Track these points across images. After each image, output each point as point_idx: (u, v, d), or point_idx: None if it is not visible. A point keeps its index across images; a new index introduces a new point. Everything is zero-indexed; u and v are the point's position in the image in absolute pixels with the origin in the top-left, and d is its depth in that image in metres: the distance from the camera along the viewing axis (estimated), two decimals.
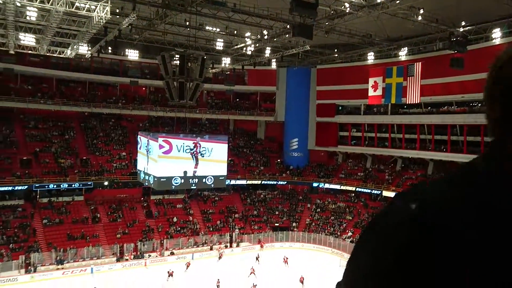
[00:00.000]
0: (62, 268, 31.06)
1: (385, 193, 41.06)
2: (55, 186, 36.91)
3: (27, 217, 34.83)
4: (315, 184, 46.66)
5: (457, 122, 37.02)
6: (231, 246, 38.70)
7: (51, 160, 39.15)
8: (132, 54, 43.59)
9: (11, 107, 39.85)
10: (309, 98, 48.67)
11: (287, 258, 34.72)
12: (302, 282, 28.94)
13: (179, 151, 27.25)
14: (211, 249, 37.31)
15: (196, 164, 27.85)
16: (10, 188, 35.05)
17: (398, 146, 42.68)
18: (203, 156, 28.01)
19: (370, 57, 41.47)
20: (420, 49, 36.35)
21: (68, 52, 31.88)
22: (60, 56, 32.84)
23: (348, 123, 47.32)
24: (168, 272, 30.18)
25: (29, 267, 30.21)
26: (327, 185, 46.04)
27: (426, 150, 40.01)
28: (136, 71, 47.30)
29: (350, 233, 39.90)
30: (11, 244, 31.68)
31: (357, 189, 43.66)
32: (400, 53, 38.29)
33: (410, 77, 34.56)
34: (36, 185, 36.02)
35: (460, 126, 37.12)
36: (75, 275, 30.74)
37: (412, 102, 35.44)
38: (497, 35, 31.10)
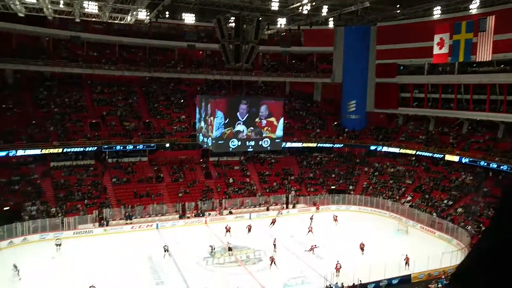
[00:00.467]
0: (131, 223, 33.64)
1: (448, 157, 39.12)
2: (121, 147, 39.36)
3: (98, 175, 37.73)
4: (372, 147, 45.54)
5: None
6: (287, 208, 39.45)
7: (117, 123, 41.56)
8: (189, 18, 44.00)
9: (80, 73, 42.47)
10: (368, 58, 46.60)
11: (336, 217, 35.37)
12: (362, 249, 28.70)
13: (235, 114, 27.63)
14: (267, 209, 38.31)
15: (253, 125, 28.11)
16: (82, 149, 37.95)
17: (465, 107, 40.06)
18: (260, 119, 28.22)
19: (436, 12, 38.54)
20: (494, 1, 33.08)
21: (128, 18, 32.88)
22: (121, 22, 33.97)
23: (410, 83, 44.97)
24: (225, 227, 31.66)
25: (102, 221, 33.06)
26: (385, 148, 44.73)
27: (497, 112, 37.22)
28: (193, 35, 47.89)
29: (409, 198, 38.93)
30: (85, 200, 34.71)
31: (418, 152, 42.00)
32: (471, 6, 35.15)
33: (482, 33, 31.92)
34: (105, 146, 38.62)
35: None
36: (142, 230, 33.20)
37: (482, 60, 32.86)
38: None
